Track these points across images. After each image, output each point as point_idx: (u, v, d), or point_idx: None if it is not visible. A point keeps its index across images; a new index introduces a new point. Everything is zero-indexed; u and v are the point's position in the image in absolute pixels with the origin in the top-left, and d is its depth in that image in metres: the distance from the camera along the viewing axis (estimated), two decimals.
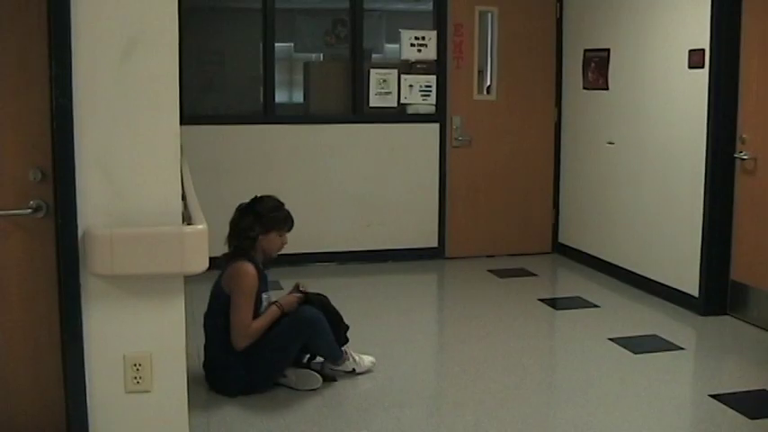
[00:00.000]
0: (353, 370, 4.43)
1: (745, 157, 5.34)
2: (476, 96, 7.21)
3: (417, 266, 7.02)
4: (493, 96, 7.26)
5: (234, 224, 4.29)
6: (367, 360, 4.50)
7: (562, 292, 6.55)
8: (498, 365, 4.64)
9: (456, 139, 7.16)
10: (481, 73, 7.29)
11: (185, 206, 3.20)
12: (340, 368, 4.42)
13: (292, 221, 4.38)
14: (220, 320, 4.19)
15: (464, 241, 7.28)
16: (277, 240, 4.32)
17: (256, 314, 4.21)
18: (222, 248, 4.26)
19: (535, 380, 4.52)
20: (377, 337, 5.03)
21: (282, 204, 4.37)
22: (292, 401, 4.15)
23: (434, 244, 7.22)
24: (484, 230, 7.32)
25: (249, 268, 4.16)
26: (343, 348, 4.42)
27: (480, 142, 7.23)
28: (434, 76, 7.11)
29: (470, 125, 7.19)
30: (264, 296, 4.29)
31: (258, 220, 4.26)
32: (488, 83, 7.31)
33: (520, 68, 7.25)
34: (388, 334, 5.22)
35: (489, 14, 7.20)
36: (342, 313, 4.45)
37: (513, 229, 7.39)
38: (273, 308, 4.23)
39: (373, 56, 7.96)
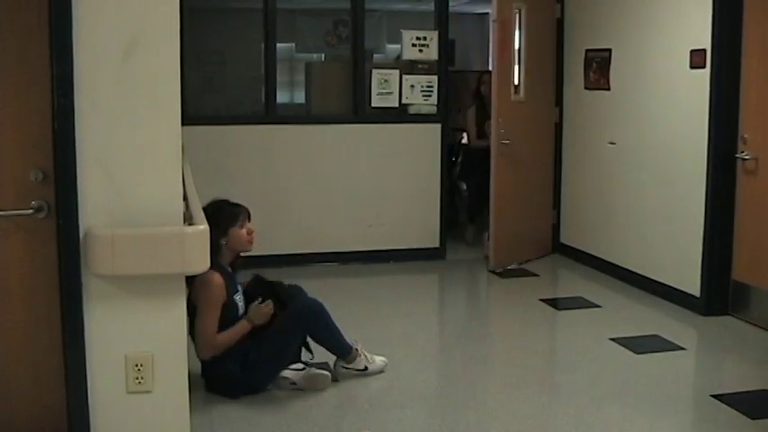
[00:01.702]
0: (366, 368, 4.39)
1: (746, 157, 5.33)
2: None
3: (419, 267, 7.02)
4: None
5: None
6: (379, 360, 4.48)
7: (563, 292, 6.55)
8: (499, 366, 4.64)
9: None
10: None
11: (186, 206, 3.20)
12: (352, 366, 4.38)
13: (244, 210, 4.28)
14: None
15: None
16: (240, 233, 4.22)
17: (232, 318, 4.16)
18: None
19: (536, 380, 4.51)
20: (378, 338, 5.02)
21: (226, 201, 4.26)
22: (295, 402, 4.14)
23: (436, 244, 7.22)
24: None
25: (214, 278, 4.05)
26: (353, 344, 4.38)
27: None
28: (436, 77, 7.11)
29: None
30: (237, 297, 4.21)
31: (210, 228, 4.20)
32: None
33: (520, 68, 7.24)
34: (390, 334, 5.21)
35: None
36: (343, 314, 4.44)
37: (514, 229, 7.37)
38: (243, 322, 4.15)
39: (375, 56, 7.97)
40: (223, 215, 4.17)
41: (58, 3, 2.78)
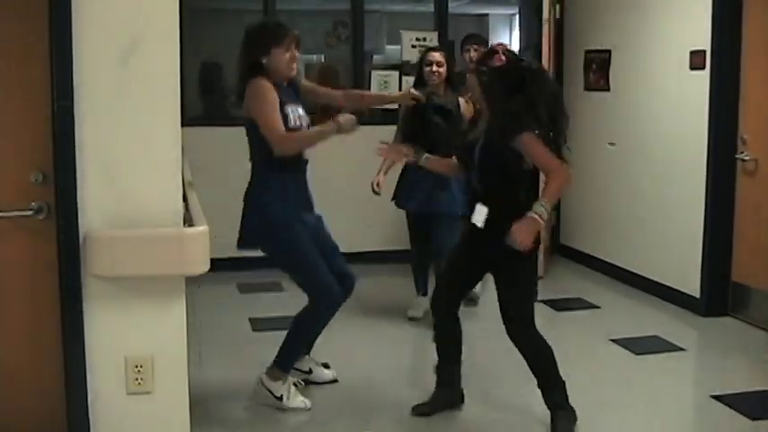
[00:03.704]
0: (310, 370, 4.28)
1: (746, 158, 5.34)
2: None
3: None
4: None
5: (238, 60, 4.02)
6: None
7: (563, 293, 6.53)
8: (499, 367, 4.64)
9: None
10: None
11: (186, 207, 3.20)
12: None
13: (292, 34, 3.98)
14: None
15: None
16: (282, 55, 3.92)
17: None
18: (224, 250, 4.23)
19: (536, 381, 4.51)
20: (378, 338, 5.02)
21: (275, 22, 4.03)
22: None
23: None
24: None
25: (261, 81, 3.86)
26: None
27: None
28: None
29: None
30: (290, 108, 3.96)
31: (251, 45, 3.96)
32: None
33: None
34: (389, 335, 5.21)
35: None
36: (342, 314, 4.42)
37: None
38: (329, 123, 3.88)
39: (374, 57, 7.97)
40: (265, 33, 3.99)
41: (58, 4, 2.78)
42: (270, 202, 4.02)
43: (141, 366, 2.98)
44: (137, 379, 2.98)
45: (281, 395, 4.00)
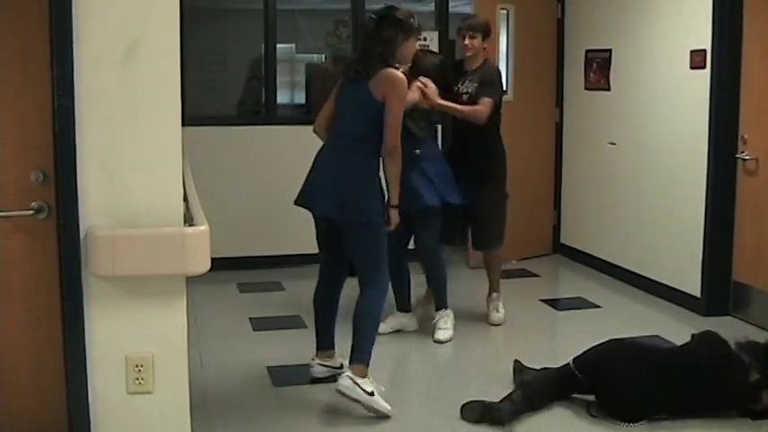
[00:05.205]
0: (342, 366, 4.33)
1: (746, 157, 5.34)
2: None
3: (418, 267, 7.00)
4: None
5: (374, 36, 4.14)
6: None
7: (564, 292, 6.55)
8: (500, 366, 4.64)
9: None
10: None
11: (187, 207, 3.20)
12: (328, 363, 4.40)
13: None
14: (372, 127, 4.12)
15: None
16: (413, 46, 4.24)
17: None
18: (225, 250, 4.24)
19: None
20: (377, 337, 5.01)
21: (407, 11, 4.28)
22: (296, 402, 4.15)
23: None
24: None
25: (402, 76, 4.09)
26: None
27: None
28: None
29: None
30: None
31: (400, 28, 4.15)
32: None
33: (521, 69, 7.25)
34: (389, 334, 5.20)
35: None
36: (343, 314, 4.44)
37: (514, 229, 7.36)
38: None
39: None
40: (413, 23, 4.20)
41: (58, 3, 2.78)
42: (378, 183, 4.23)
43: (142, 366, 2.98)
44: (137, 378, 2.98)
45: (372, 391, 3.97)
